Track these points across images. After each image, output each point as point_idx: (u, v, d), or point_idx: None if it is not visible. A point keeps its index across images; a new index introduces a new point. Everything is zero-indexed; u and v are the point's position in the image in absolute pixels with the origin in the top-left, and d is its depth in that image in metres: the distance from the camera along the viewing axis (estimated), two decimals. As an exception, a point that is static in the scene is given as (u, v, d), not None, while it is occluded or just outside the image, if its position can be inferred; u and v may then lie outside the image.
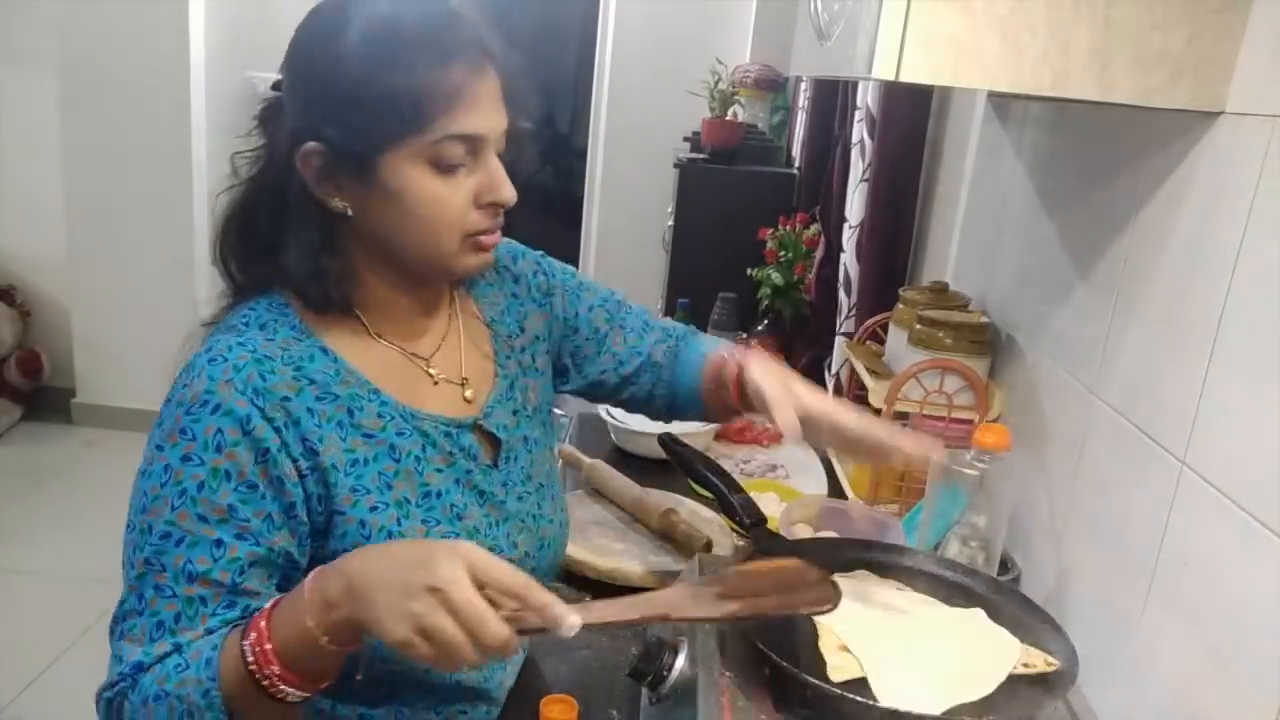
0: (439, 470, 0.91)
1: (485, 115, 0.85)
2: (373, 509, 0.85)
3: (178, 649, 0.78)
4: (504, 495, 0.97)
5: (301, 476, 0.82)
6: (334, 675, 0.77)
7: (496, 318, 1.05)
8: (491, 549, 0.77)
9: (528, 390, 1.05)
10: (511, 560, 0.80)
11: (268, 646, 0.73)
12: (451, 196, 0.86)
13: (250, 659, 0.73)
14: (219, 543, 0.78)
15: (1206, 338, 0.90)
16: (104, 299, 3.98)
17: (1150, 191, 1.04)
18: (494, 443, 0.98)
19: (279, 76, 0.88)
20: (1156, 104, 0.90)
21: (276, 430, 0.81)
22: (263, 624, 0.74)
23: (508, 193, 0.89)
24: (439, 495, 0.91)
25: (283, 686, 0.73)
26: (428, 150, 0.83)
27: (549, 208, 5.76)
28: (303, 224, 0.86)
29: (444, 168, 0.84)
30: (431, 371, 0.95)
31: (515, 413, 1.02)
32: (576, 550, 1.30)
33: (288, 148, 0.84)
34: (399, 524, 0.86)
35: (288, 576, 0.83)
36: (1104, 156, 1.17)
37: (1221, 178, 0.91)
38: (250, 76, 3.84)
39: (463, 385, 0.98)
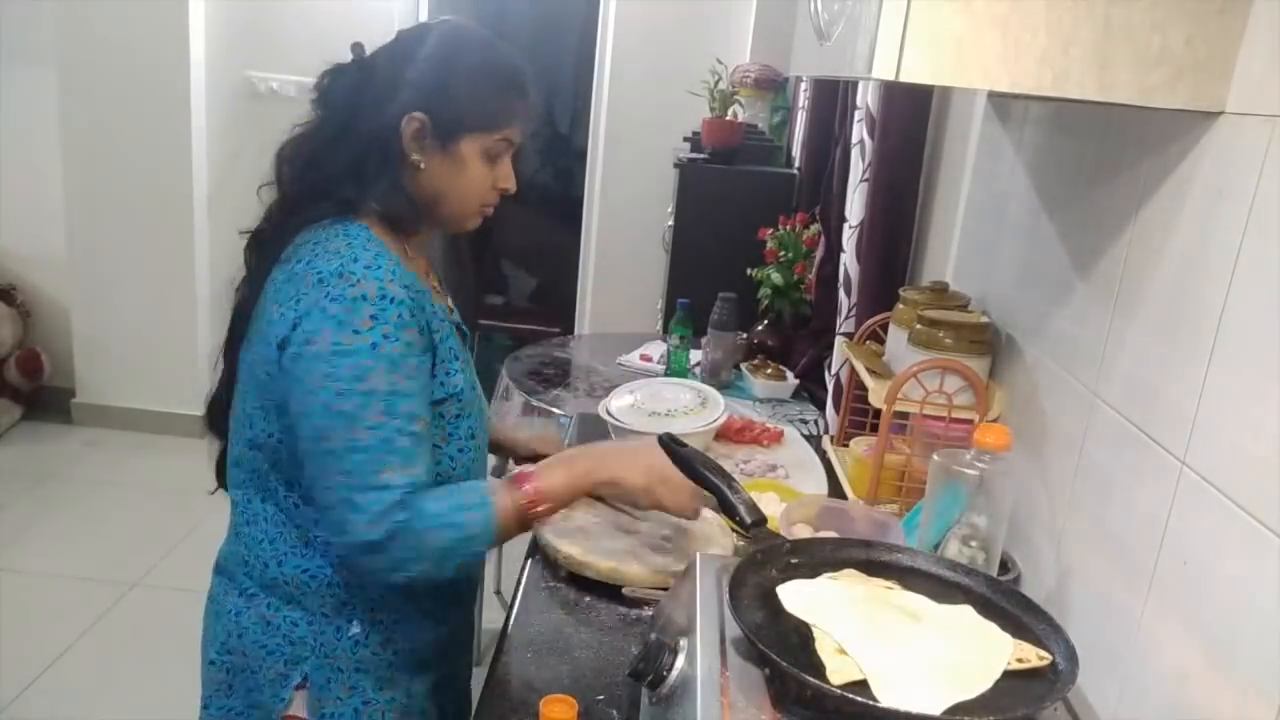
0: (457, 356, 1.21)
1: (521, 134, 1.22)
2: (449, 374, 1.17)
3: (449, 490, 1.12)
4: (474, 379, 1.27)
5: (426, 351, 1.13)
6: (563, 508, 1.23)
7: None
8: (480, 412, 1.26)
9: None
10: (485, 420, 1.28)
11: (539, 491, 1.16)
12: (484, 179, 1.20)
13: (523, 498, 1.15)
14: (419, 392, 1.10)
15: (1206, 338, 0.90)
16: (104, 299, 3.98)
17: (1150, 191, 1.04)
18: (463, 334, 1.28)
19: (353, 51, 1.21)
20: (1156, 104, 0.90)
21: (421, 312, 1.11)
22: (529, 483, 1.16)
23: (513, 185, 1.24)
24: (465, 369, 1.22)
25: (541, 515, 1.18)
26: (490, 144, 1.18)
27: (549, 208, 5.76)
28: (390, 168, 1.16)
29: (490, 157, 1.19)
30: (434, 284, 1.26)
31: (453, 310, 1.30)
32: (576, 550, 1.30)
33: (396, 111, 1.13)
34: (463, 383, 1.19)
35: None
36: (1104, 156, 1.17)
37: (1221, 178, 0.91)
38: (250, 76, 3.84)
39: (442, 289, 1.30)
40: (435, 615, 1.25)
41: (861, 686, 0.81)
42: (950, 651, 0.87)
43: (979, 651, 0.88)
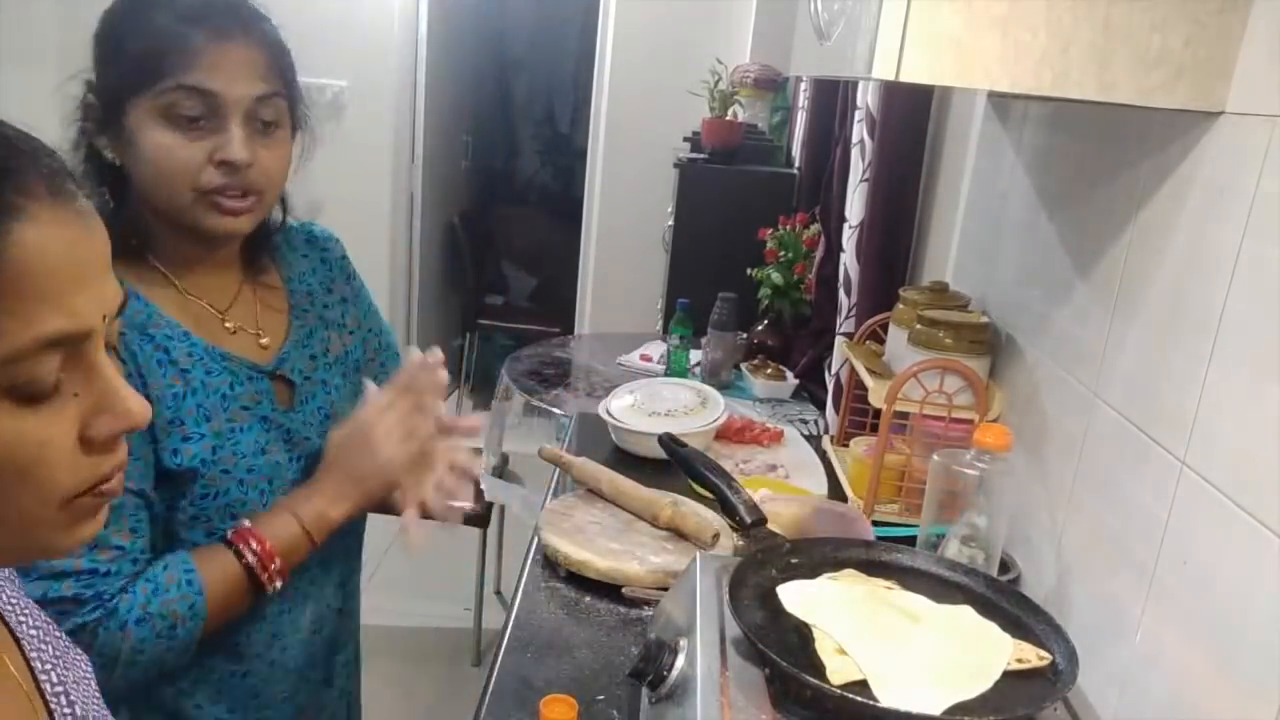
0: (245, 408, 1.00)
1: (227, 77, 0.91)
2: (186, 439, 0.94)
3: (135, 577, 0.89)
4: (307, 432, 1.06)
5: None
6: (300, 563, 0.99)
7: (295, 277, 1.12)
8: (294, 482, 1.02)
9: (329, 340, 1.13)
10: (255, 507, 1.00)
11: (267, 545, 0.94)
12: (181, 149, 0.91)
13: (252, 560, 0.93)
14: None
15: (1206, 338, 0.90)
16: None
17: (1150, 191, 1.04)
18: (290, 386, 1.06)
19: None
20: (1156, 104, 0.90)
21: (122, 362, 0.87)
22: (255, 539, 0.94)
23: (236, 151, 0.92)
24: (244, 430, 0.99)
25: (279, 579, 0.96)
26: (160, 102, 0.89)
27: (549, 208, 5.77)
28: (91, 175, 0.93)
29: (175, 120, 0.90)
30: (228, 324, 1.02)
31: (313, 358, 1.09)
32: (576, 550, 1.30)
33: (78, 102, 0.92)
34: (213, 453, 0.96)
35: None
36: (1104, 156, 1.17)
37: (1221, 178, 0.91)
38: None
39: (258, 335, 1.05)
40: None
41: (861, 686, 0.81)
42: (950, 651, 0.87)
43: (979, 651, 0.88)
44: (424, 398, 1.07)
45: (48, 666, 0.61)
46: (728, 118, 3.01)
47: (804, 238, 2.55)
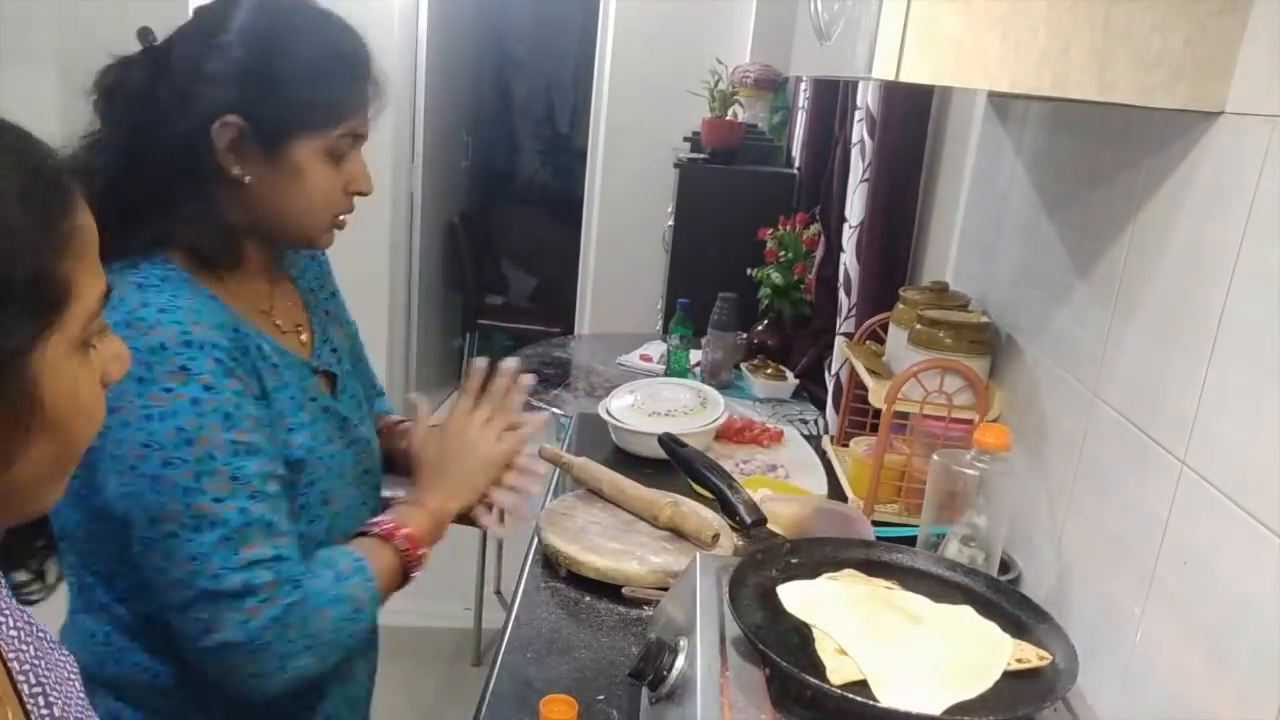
0: (312, 399, 1.04)
1: (369, 123, 1.01)
2: (291, 430, 0.99)
3: (317, 557, 0.96)
4: (355, 420, 1.11)
5: (263, 397, 0.96)
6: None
7: (299, 275, 1.16)
8: (354, 469, 1.07)
9: (337, 334, 1.17)
10: (358, 473, 1.08)
11: (413, 535, 1.03)
12: (334, 182, 0.99)
13: (403, 546, 1.02)
14: (268, 444, 0.93)
15: (1206, 338, 0.90)
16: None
17: (1150, 191, 1.04)
18: (330, 378, 1.11)
19: (142, 37, 0.98)
20: (1156, 104, 0.90)
21: (245, 356, 0.94)
22: (401, 530, 1.02)
23: (369, 185, 1.03)
24: (317, 421, 1.03)
25: (418, 569, 1.04)
26: (332, 142, 0.97)
27: (549, 208, 5.76)
28: (203, 187, 0.95)
29: (334, 157, 0.98)
30: (278, 322, 1.06)
31: (335, 350, 1.14)
32: (576, 550, 1.30)
33: (204, 115, 0.92)
34: (311, 441, 1.01)
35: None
36: (1104, 156, 1.17)
37: (1221, 178, 0.91)
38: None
39: (298, 331, 1.10)
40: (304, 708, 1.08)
41: (861, 686, 0.81)
42: (950, 651, 0.87)
43: (979, 651, 0.88)
44: (506, 401, 1.18)
45: (26, 667, 0.61)
46: (728, 118, 3.01)
47: (804, 238, 2.55)
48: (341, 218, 1.03)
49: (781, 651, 0.84)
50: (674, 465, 1.44)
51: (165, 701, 0.99)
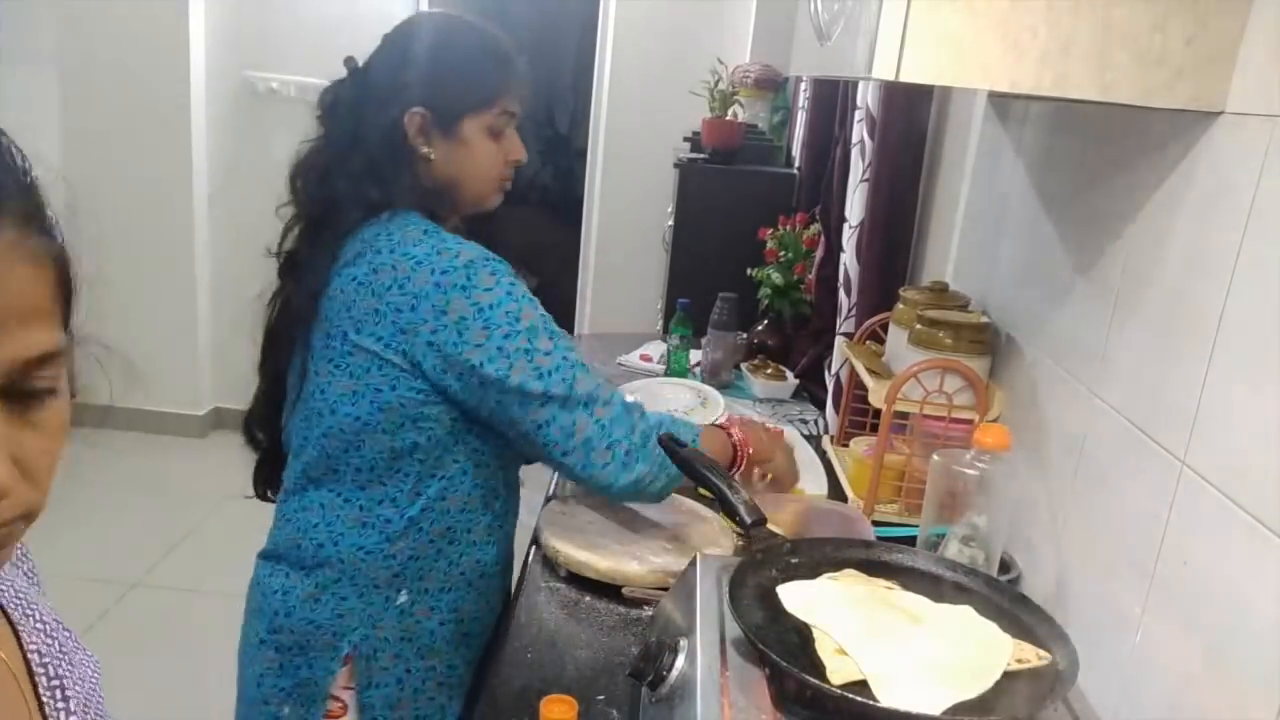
0: None
1: (518, 103, 1.27)
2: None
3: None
4: None
5: None
6: None
7: None
8: None
9: None
10: None
11: (745, 440, 1.34)
12: (496, 154, 1.27)
13: (737, 439, 1.34)
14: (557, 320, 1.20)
15: (1206, 338, 0.90)
16: (104, 299, 3.98)
17: (1150, 191, 1.04)
18: None
19: (346, 64, 1.26)
20: (1156, 104, 0.90)
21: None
22: (735, 427, 1.36)
23: (524, 154, 1.30)
24: None
25: (744, 462, 1.34)
26: (491, 119, 1.24)
27: (549, 208, 5.76)
28: (405, 165, 1.21)
29: (494, 133, 1.25)
30: None
31: None
32: (576, 550, 1.30)
33: (398, 111, 1.20)
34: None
35: None
36: (1104, 156, 1.17)
37: (1221, 178, 0.91)
38: (250, 76, 3.84)
39: None
40: (479, 587, 1.30)
41: (861, 686, 0.81)
42: (950, 651, 0.87)
43: (979, 651, 0.88)
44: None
45: (45, 660, 0.61)
46: (728, 118, 3.01)
47: (804, 238, 2.55)
48: (504, 183, 1.30)
49: (781, 651, 0.84)
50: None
51: (369, 573, 1.21)
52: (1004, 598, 0.99)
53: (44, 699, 0.60)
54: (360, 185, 1.19)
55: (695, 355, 2.37)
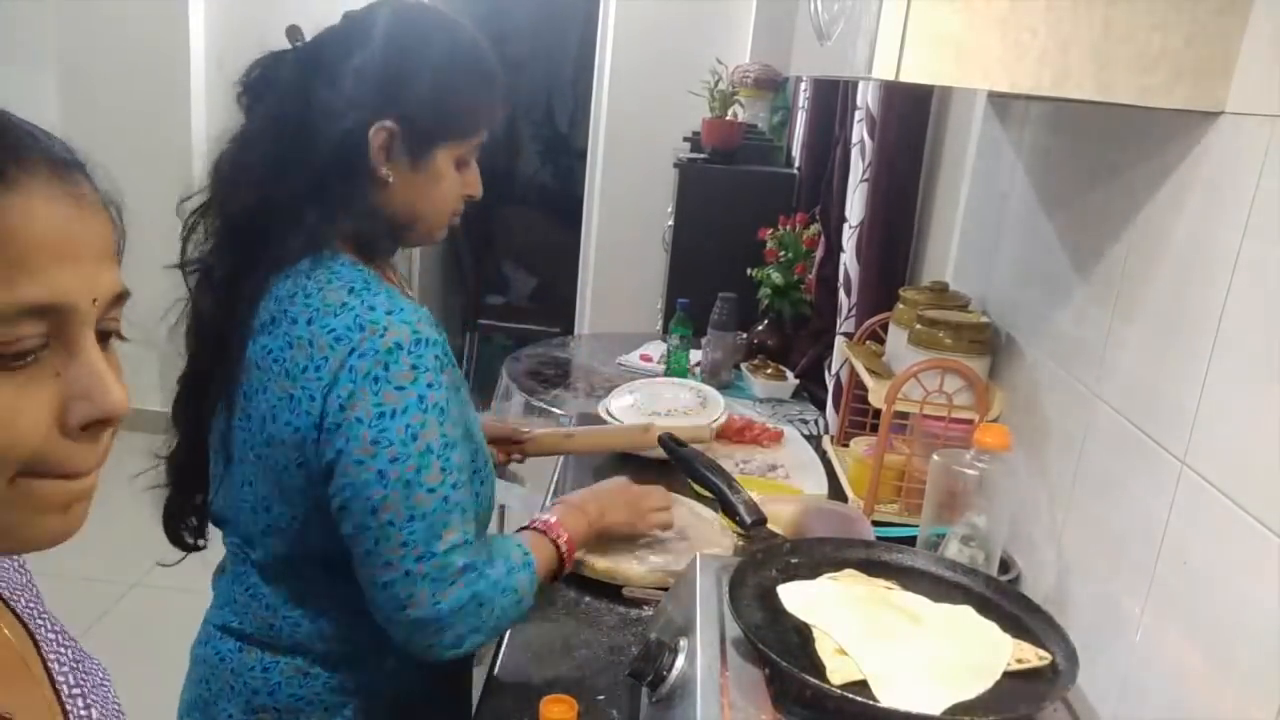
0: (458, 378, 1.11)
1: (492, 129, 1.09)
2: (462, 409, 1.06)
3: (494, 551, 1.04)
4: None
5: (457, 385, 1.04)
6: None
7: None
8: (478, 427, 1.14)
9: None
10: (489, 467, 1.16)
11: (567, 536, 1.14)
12: (458, 186, 1.08)
13: (561, 541, 1.13)
14: (464, 437, 1.02)
15: (1206, 338, 0.90)
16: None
17: (1150, 191, 1.04)
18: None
19: (290, 34, 1.06)
20: (1156, 104, 0.90)
21: (447, 349, 1.01)
22: (559, 530, 1.14)
23: (480, 190, 1.11)
24: (465, 397, 1.11)
25: (569, 565, 1.15)
26: (465, 150, 1.06)
27: (549, 208, 5.76)
28: (359, 185, 1.02)
29: (461, 164, 1.07)
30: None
31: None
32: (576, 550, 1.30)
33: (362, 118, 0.99)
34: (469, 414, 1.10)
35: None
36: (1104, 156, 1.17)
37: (1221, 178, 0.91)
38: (250, 76, 3.84)
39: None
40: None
41: (861, 686, 0.81)
42: (950, 651, 0.87)
43: (979, 651, 0.88)
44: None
45: (65, 669, 0.62)
46: (728, 118, 3.01)
47: (804, 238, 2.55)
48: (455, 217, 1.11)
49: (781, 651, 0.84)
50: (674, 465, 1.44)
51: (362, 648, 1.09)
52: (1004, 598, 0.99)
53: (68, 708, 0.61)
54: (301, 202, 0.99)
55: (695, 355, 2.37)
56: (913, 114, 1.87)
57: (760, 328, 2.57)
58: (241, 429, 1.02)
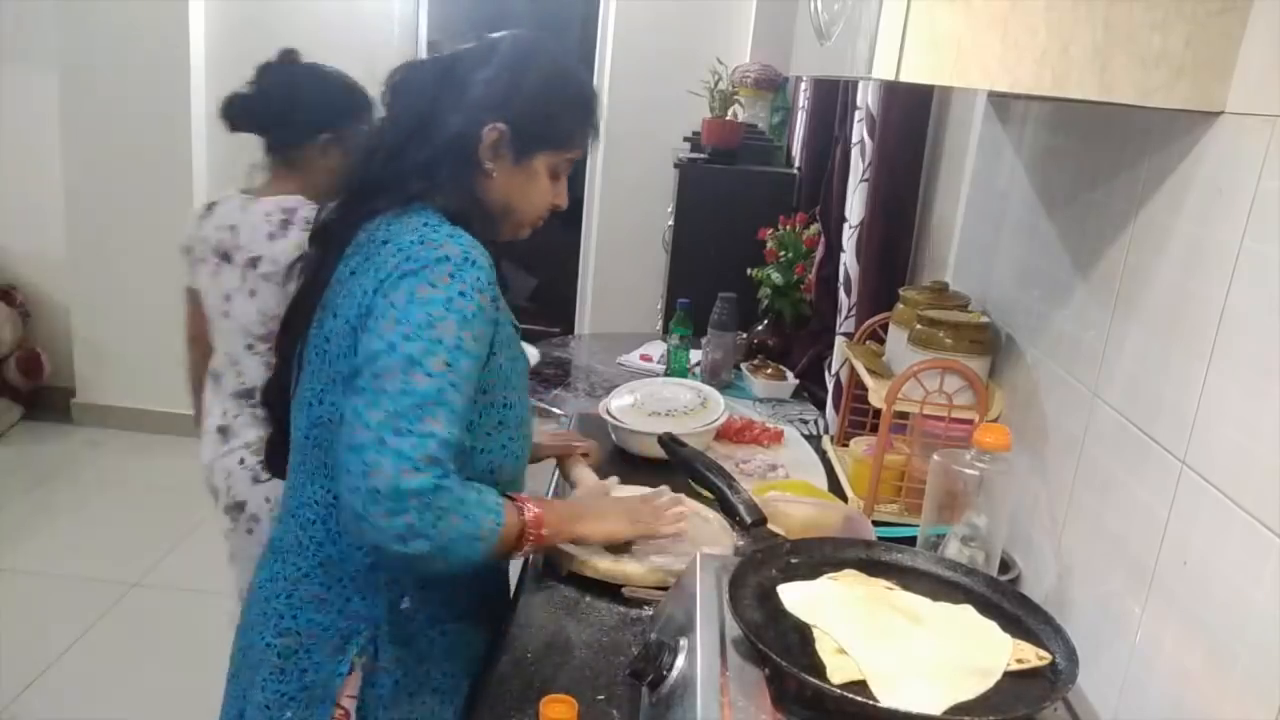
0: (517, 344, 1.27)
1: (584, 153, 1.28)
2: (506, 359, 1.19)
3: (473, 485, 1.09)
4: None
5: (492, 325, 1.14)
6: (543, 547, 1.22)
7: None
8: (527, 409, 1.27)
9: None
10: (525, 424, 1.27)
11: (541, 516, 1.16)
12: (549, 192, 1.26)
13: (529, 519, 1.14)
14: (479, 358, 1.09)
15: (1206, 338, 0.90)
16: (104, 299, 3.98)
17: (1150, 191, 1.04)
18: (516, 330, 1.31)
19: (428, 48, 1.22)
20: (1156, 104, 0.90)
21: (494, 284, 1.13)
22: (532, 505, 1.16)
23: (566, 202, 1.30)
24: (519, 360, 1.26)
25: (529, 545, 1.15)
26: (560, 160, 1.24)
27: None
28: (464, 171, 1.19)
29: (555, 174, 1.25)
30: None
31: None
32: (576, 550, 1.30)
33: (478, 117, 1.17)
34: (515, 371, 1.23)
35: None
36: (1104, 156, 1.17)
37: (1221, 178, 0.91)
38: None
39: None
40: (480, 596, 1.29)
41: (861, 686, 0.81)
42: (950, 651, 0.87)
43: (979, 651, 0.88)
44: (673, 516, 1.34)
45: None
46: (728, 118, 3.01)
47: (804, 238, 2.55)
48: (539, 221, 1.28)
49: (781, 651, 0.84)
50: (674, 465, 1.44)
51: (371, 576, 1.18)
52: (1004, 598, 0.99)
53: None
54: (410, 173, 1.17)
55: (695, 355, 2.37)
56: (913, 114, 1.87)
57: (760, 328, 2.57)
58: (315, 335, 1.17)
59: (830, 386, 2.07)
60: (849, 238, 2.05)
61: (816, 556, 1.04)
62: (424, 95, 1.19)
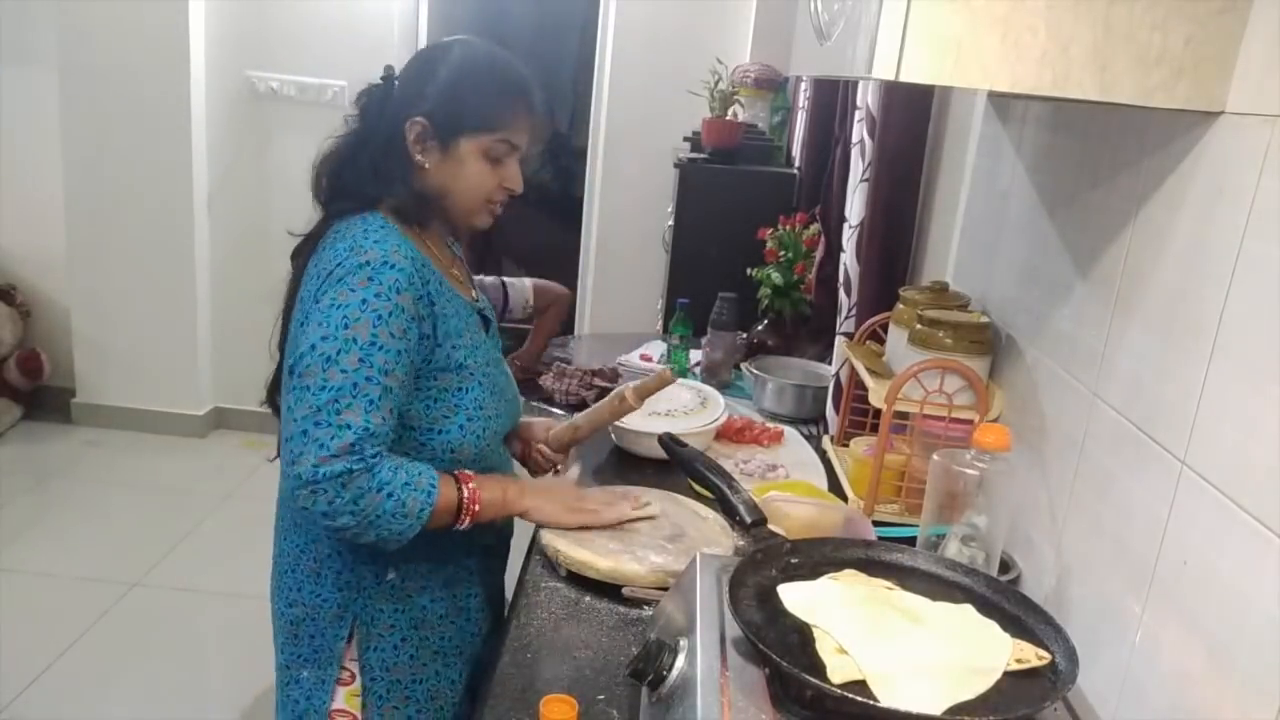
0: (475, 331, 1.34)
1: (525, 138, 1.32)
2: (454, 348, 1.27)
3: (403, 463, 1.19)
4: (499, 355, 1.42)
5: (422, 319, 1.23)
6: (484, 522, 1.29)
7: (453, 245, 1.50)
8: (503, 385, 1.39)
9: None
10: (507, 396, 1.40)
11: (477, 493, 1.25)
12: (490, 176, 1.31)
13: (466, 496, 1.24)
14: (399, 352, 1.19)
15: (1206, 338, 0.90)
16: (104, 299, 3.98)
17: (1150, 191, 1.04)
18: (486, 322, 1.41)
19: (383, 72, 1.34)
20: (1156, 104, 0.90)
21: (423, 284, 1.23)
22: (472, 483, 1.25)
23: (519, 186, 1.34)
24: (480, 346, 1.34)
25: (468, 520, 1.24)
26: (489, 144, 1.28)
27: (549, 208, 5.76)
28: (401, 168, 1.29)
29: (491, 158, 1.30)
30: (454, 272, 1.38)
31: (485, 307, 1.45)
32: (576, 550, 1.30)
33: (399, 117, 1.27)
34: (469, 356, 1.30)
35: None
36: (1104, 156, 1.17)
37: (1221, 178, 0.91)
38: (250, 76, 3.84)
39: (467, 285, 1.42)
40: (469, 565, 1.39)
41: (861, 686, 0.81)
42: (950, 651, 0.87)
43: (979, 651, 0.88)
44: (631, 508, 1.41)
45: None
46: (728, 118, 3.01)
47: (804, 238, 2.55)
48: (495, 209, 1.35)
49: (781, 651, 0.84)
50: (674, 465, 1.44)
51: (356, 549, 1.28)
52: (1004, 598, 0.99)
53: None
54: (363, 179, 1.29)
55: (695, 355, 2.37)
56: (913, 114, 1.87)
57: (760, 328, 2.57)
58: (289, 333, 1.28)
59: (830, 386, 2.07)
60: (849, 238, 2.05)
61: (816, 556, 1.04)
62: (373, 111, 1.31)
